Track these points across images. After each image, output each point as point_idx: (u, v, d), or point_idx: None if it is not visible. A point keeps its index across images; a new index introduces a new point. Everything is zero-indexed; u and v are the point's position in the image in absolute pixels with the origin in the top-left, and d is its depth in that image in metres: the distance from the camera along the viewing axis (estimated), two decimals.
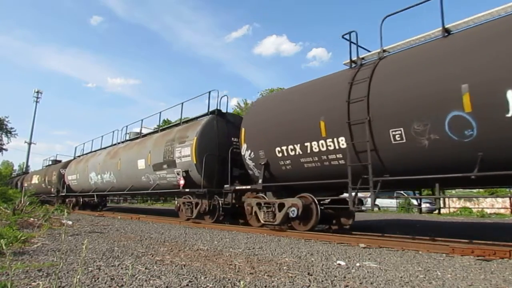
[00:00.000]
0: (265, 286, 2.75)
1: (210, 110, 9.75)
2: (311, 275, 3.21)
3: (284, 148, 6.81)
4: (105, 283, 2.77)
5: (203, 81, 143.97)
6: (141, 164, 11.10)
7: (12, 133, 37.80)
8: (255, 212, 7.59)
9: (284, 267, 3.54)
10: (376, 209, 22.66)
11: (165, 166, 9.86)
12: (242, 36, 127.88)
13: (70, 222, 8.40)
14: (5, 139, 37.35)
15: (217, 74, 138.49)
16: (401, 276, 3.21)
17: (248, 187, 7.87)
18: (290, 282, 2.90)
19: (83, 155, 18.89)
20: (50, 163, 23.94)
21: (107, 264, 3.55)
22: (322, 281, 2.98)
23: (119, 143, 14.95)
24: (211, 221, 8.98)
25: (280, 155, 6.92)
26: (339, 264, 3.79)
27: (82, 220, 9.95)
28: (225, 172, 8.43)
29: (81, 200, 17.09)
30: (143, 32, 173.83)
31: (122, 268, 3.36)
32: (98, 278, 2.90)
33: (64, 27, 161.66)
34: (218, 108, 9.68)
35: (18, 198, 9.44)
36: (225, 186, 8.38)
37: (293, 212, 6.59)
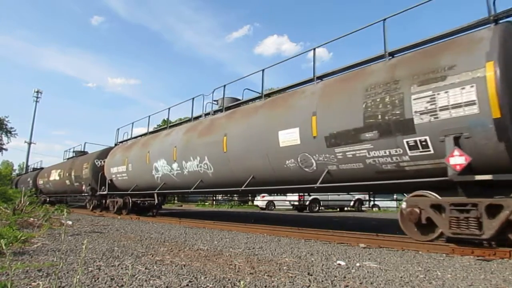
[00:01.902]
0: (265, 286, 2.75)
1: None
2: (311, 275, 3.21)
3: None
4: (105, 283, 2.77)
5: (204, 81, 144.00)
6: (287, 137, 6.52)
7: (12, 133, 37.77)
8: None
9: (284, 267, 3.54)
10: (375, 209, 22.71)
11: (369, 134, 5.31)
12: (243, 36, 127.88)
13: (70, 222, 8.40)
14: (5, 139, 37.29)
15: (218, 74, 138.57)
16: (401, 276, 3.21)
17: None
18: (290, 282, 2.90)
19: (133, 138, 13.60)
20: (73, 154, 19.09)
21: (107, 264, 3.55)
22: (322, 281, 2.98)
23: (207, 114, 9.97)
24: None
25: None
26: (339, 264, 3.79)
27: (82, 220, 9.94)
28: None
29: (130, 201, 12.33)
30: (144, 32, 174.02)
31: (122, 268, 3.36)
32: (98, 278, 2.90)
33: (65, 27, 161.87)
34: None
35: (18, 198, 9.44)
36: None
37: None
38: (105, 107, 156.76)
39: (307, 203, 19.69)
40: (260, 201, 22.68)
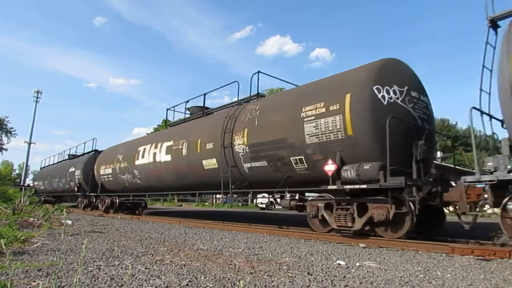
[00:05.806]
0: (265, 286, 2.75)
1: None
2: (311, 274, 3.21)
3: None
4: (105, 283, 2.76)
5: (205, 82, 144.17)
6: None
7: (12, 133, 37.73)
8: None
9: (284, 267, 3.54)
10: None
11: None
12: (245, 37, 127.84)
13: (70, 222, 8.40)
14: (5, 139, 37.27)
15: (220, 74, 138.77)
16: (401, 276, 3.21)
17: None
18: (290, 282, 2.90)
19: None
20: (190, 111, 11.27)
21: (107, 263, 3.55)
22: (322, 281, 2.98)
23: None
24: None
25: None
26: (339, 264, 3.79)
27: (82, 220, 9.93)
28: None
29: None
30: (147, 33, 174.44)
31: (122, 267, 3.36)
32: (98, 278, 2.90)
33: (68, 28, 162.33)
34: None
35: (18, 197, 9.44)
36: None
37: None
38: (106, 107, 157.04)
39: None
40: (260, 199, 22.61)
